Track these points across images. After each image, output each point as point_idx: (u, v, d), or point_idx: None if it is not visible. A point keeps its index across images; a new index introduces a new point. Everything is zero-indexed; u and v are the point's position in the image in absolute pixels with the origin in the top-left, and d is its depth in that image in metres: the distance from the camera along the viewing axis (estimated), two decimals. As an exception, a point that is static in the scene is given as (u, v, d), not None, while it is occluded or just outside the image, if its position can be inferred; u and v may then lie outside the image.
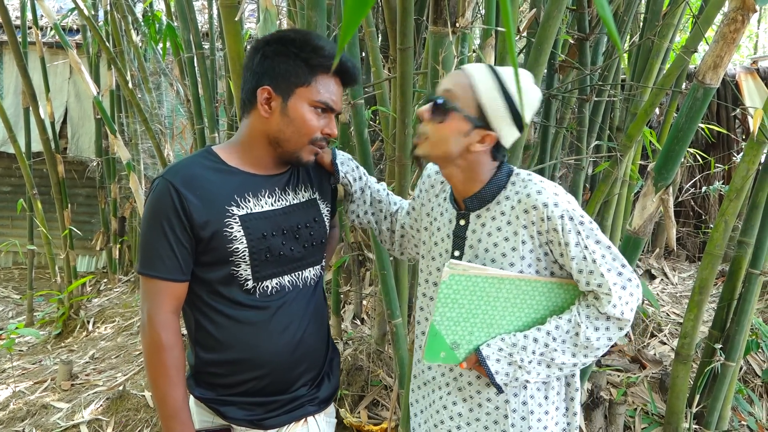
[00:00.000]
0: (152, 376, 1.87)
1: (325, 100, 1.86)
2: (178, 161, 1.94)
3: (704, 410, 3.59)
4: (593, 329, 1.84)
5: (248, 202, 1.89)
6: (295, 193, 2.01)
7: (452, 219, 1.98)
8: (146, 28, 5.85)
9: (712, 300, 4.70)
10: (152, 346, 1.84)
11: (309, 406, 2.05)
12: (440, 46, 2.26)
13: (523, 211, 1.84)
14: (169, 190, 1.81)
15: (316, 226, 2.04)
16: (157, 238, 1.82)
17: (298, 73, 1.84)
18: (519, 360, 1.85)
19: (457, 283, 1.83)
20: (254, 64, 1.88)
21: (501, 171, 1.91)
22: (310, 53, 1.82)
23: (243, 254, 1.87)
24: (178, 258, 1.83)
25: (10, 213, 9.05)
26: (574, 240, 1.80)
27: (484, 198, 1.90)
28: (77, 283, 6.22)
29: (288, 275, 1.97)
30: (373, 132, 4.51)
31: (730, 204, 3.17)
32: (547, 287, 1.88)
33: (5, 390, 4.82)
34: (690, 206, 7.45)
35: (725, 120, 7.12)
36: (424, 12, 3.93)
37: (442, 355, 1.90)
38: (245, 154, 1.94)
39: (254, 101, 1.88)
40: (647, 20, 4.20)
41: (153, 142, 5.85)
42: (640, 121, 3.41)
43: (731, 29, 2.28)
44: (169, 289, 1.84)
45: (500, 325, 1.89)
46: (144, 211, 1.89)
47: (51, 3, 8.19)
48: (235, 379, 1.95)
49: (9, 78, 8.55)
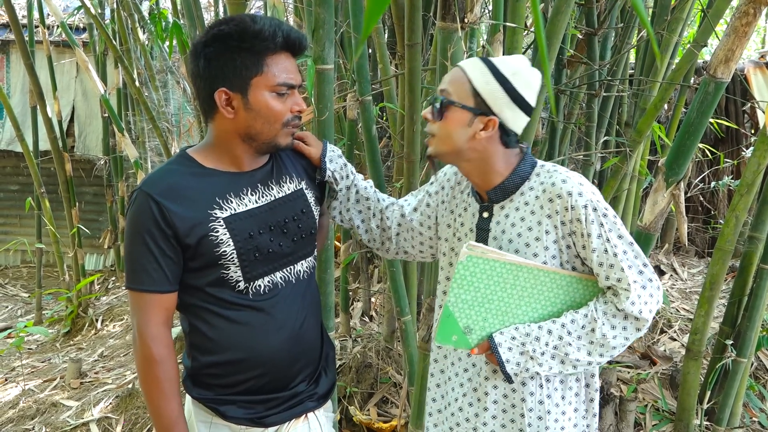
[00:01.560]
0: (146, 390, 1.87)
1: (283, 81, 1.82)
2: (154, 171, 1.92)
3: (715, 407, 3.58)
4: (610, 327, 1.82)
5: (231, 202, 1.86)
6: (279, 186, 1.97)
7: (475, 213, 1.98)
8: (152, 25, 5.84)
9: (723, 296, 4.68)
10: (144, 361, 1.83)
11: (309, 402, 2.04)
12: (448, 42, 2.24)
13: (548, 200, 1.84)
14: (148, 202, 1.79)
15: (304, 218, 2.00)
16: (140, 251, 1.80)
17: (247, 64, 1.79)
18: (531, 350, 1.84)
19: (475, 265, 1.82)
20: (201, 70, 1.82)
21: (524, 162, 1.91)
22: (251, 41, 1.77)
23: (231, 256, 1.84)
24: (164, 269, 1.81)
25: (18, 211, 9.07)
26: (597, 231, 1.80)
27: (508, 189, 1.91)
28: (85, 281, 6.23)
29: (279, 272, 1.95)
30: (381, 129, 4.51)
31: (741, 199, 3.14)
32: (566, 280, 1.87)
33: (15, 388, 4.84)
34: (699, 202, 7.41)
35: (734, 115, 7.07)
36: (432, 8, 3.91)
37: (453, 339, 1.89)
38: (221, 155, 1.90)
39: (214, 106, 1.83)
40: (656, 14, 4.18)
41: (160, 140, 5.85)
42: (650, 116, 3.39)
43: (743, 23, 2.27)
44: (157, 301, 1.83)
45: (515, 314, 1.88)
46: (126, 225, 1.86)
47: (57, 1, 8.19)
48: (234, 379, 1.93)
49: (16, 77, 8.56)
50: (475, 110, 1.82)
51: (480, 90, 1.81)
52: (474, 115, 1.82)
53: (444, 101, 1.84)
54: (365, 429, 3.65)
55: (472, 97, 1.82)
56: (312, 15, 2.55)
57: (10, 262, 9.50)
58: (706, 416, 3.60)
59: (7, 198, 9.34)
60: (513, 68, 1.82)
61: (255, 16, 1.80)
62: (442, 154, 1.90)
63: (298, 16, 3.47)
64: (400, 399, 3.61)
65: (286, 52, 1.84)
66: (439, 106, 1.85)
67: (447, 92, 1.85)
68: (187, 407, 2.04)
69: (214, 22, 1.84)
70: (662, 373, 4.26)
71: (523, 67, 1.84)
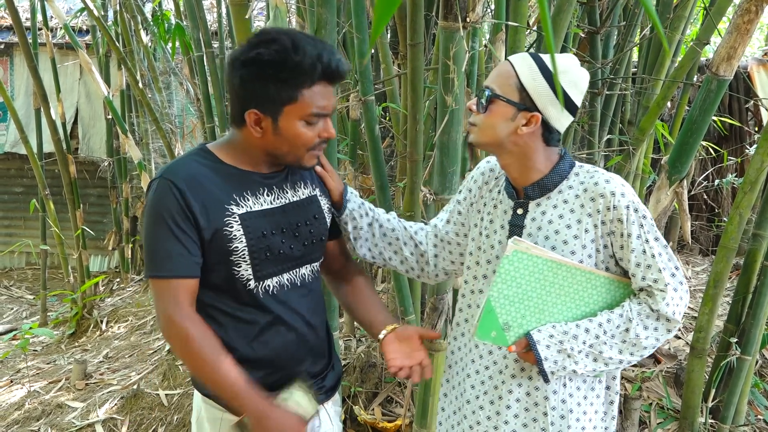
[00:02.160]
0: (197, 369, 1.82)
1: (316, 111, 1.80)
2: (174, 161, 1.91)
3: (720, 405, 3.57)
4: (643, 327, 1.84)
5: (247, 200, 1.87)
6: (294, 190, 1.98)
7: (508, 210, 1.98)
8: (155, 27, 5.86)
9: (727, 293, 4.67)
10: (182, 343, 1.79)
11: (318, 395, 2.04)
12: (451, 42, 2.24)
13: (590, 199, 1.85)
14: (170, 188, 1.77)
15: (316, 223, 2.01)
16: (164, 237, 1.77)
17: (281, 94, 1.77)
18: (569, 348, 1.84)
19: (519, 260, 1.83)
20: (236, 87, 1.81)
21: (564, 162, 1.92)
22: (288, 73, 1.74)
23: (243, 253, 1.84)
24: (191, 253, 1.79)
25: (22, 213, 9.08)
26: (636, 232, 1.82)
27: (546, 186, 1.91)
28: (90, 282, 6.24)
29: (287, 273, 1.95)
30: (384, 128, 4.51)
31: (745, 196, 3.14)
32: (601, 281, 1.88)
33: (20, 390, 4.85)
34: (703, 199, 7.40)
35: (738, 112, 7.06)
36: (434, 7, 3.91)
37: (492, 335, 1.88)
38: (242, 156, 1.90)
39: (244, 121, 1.83)
40: (658, 12, 4.18)
41: (164, 142, 5.86)
42: (653, 114, 3.39)
43: (745, 20, 2.27)
44: (185, 286, 1.80)
45: (551, 312, 1.88)
46: (146, 215, 1.83)
47: (60, 4, 8.21)
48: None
49: (20, 79, 8.58)
50: (519, 105, 1.83)
51: (526, 85, 1.82)
52: (518, 110, 1.83)
53: (489, 95, 1.85)
54: (370, 428, 3.65)
55: (518, 92, 1.83)
56: (314, 15, 2.56)
57: (14, 264, 9.52)
58: (710, 414, 3.60)
59: (12, 200, 9.36)
60: (562, 67, 1.84)
61: (298, 42, 1.75)
62: (482, 144, 1.92)
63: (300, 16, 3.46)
64: (405, 398, 3.62)
65: (325, 81, 1.81)
66: (484, 100, 1.86)
67: (493, 86, 1.86)
68: (196, 404, 2.05)
69: (255, 37, 1.80)
70: (667, 372, 4.25)
71: (572, 66, 1.85)
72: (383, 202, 3.17)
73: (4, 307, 7.76)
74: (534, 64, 1.83)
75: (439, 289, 2.53)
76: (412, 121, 2.96)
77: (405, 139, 3.24)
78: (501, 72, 1.87)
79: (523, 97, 1.82)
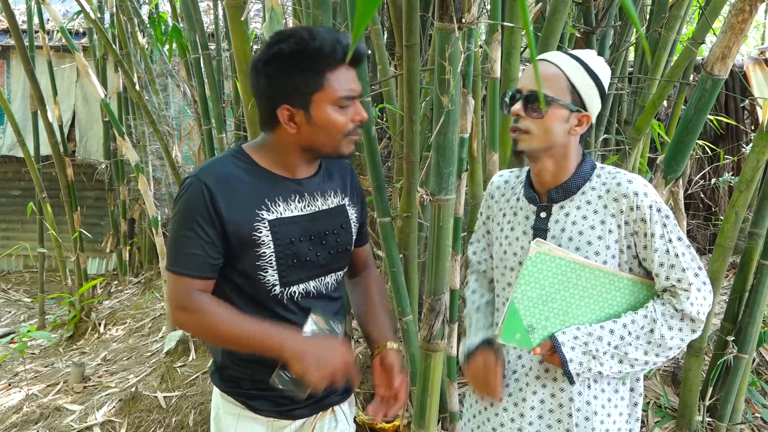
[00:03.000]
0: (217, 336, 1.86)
1: (345, 94, 1.82)
2: (211, 160, 1.94)
3: (717, 403, 3.58)
4: (667, 328, 1.85)
5: (278, 206, 1.88)
6: (324, 198, 1.99)
7: (530, 215, 1.98)
8: (152, 29, 5.85)
9: (724, 292, 4.68)
10: (197, 318, 1.83)
11: (333, 396, 2.08)
12: (446, 43, 2.25)
13: (613, 199, 1.86)
14: (201, 189, 1.81)
15: (343, 233, 2.03)
16: (187, 236, 1.81)
17: (308, 83, 1.79)
18: (594, 350, 1.84)
19: (542, 262, 1.83)
20: (262, 87, 1.85)
21: (585, 163, 1.94)
22: (310, 59, 1.78)
23: (270, 259, 1.86)
24: (208, 256, 1.82)
25: (20, 216, 9.07)
26: (660, 232, 1.83)
27: (569, 189, 1.92)
28: (88, 285, 6.24)
29: (313, 281, 1.97)
30: (380, 130, 4.51)
31: (741, 195, 3.15)
32: (624, 283, 1.88)
33: (18, 393, 4.84)
34: (699, 198, 7.40)
35: (734, 111, 7.07)
36: (430, 8, 3.92)
37: (517, 337, 1.88)
38: (277, 159, 1.92)
39: (277, 120, 1.85)
40: (654, 12, 4.19)
41: (161, 144, 5.86)
42: (649, 113, 3.40)
43: (739, 19, 2.27)
44: (197, 284, 1.84)
45: (575, 314, 1.88)
46: (175, 209, 1.87)
47: (57, 6, 8.21)
48: (263, 376, 1.93)
49: (17, 82, 8.57)
50: (572, 107, 1.84)
51: (578, 86, 1.83)
52: (570, 111, 1.84)
53: (545, 98, 1.83)
54: (368, 429, 3.65)
55: (569, 93, 1.84)
56: (310, 17, 2.56)
57: (12, 267, 9.51)
58: (708, 412, 3.61)
59: (9, 203, 9.35)
60: (598, 65, 1.86)
61: (314, 30, 1.80)
62: (535, 150, 1.88)
63: (296, 18, 3.47)
64: (403, 399, 3.61)
65: (347, 65, 1.84)
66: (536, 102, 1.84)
67: (546, 89, 1.84)
68: (215, 400, 2.07)
69: (273, 37, 1.84)
70: (664, 370, 4.26)
71: (602, 63, 1.88)
72: (380, 203, 3.17)
73: (1, 311, 7.75)
74: (577, 63, 1.84)
75: (436, 290, 2.54)
76: (409, 122, 2.97)
77: (401, 140, 3.25)
78: (549, 74, 1.85)
79: (575, 97, 1.84)
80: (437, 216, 2.48)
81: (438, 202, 2.44)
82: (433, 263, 2.57)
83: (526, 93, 1.86)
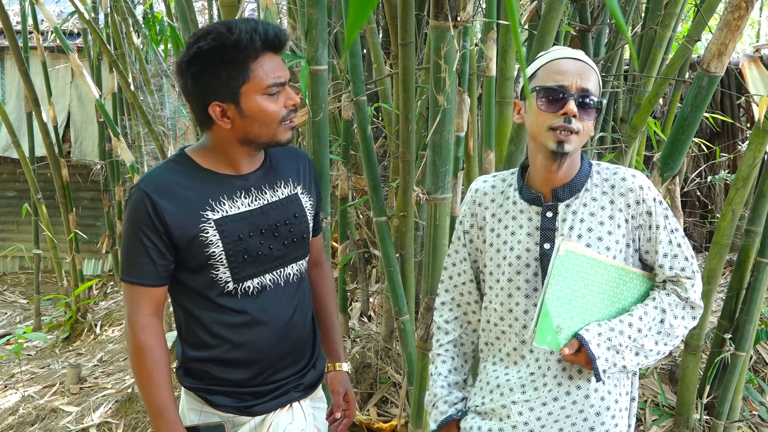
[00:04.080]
0: (137, 377, 1.94)
1: (271, 82, 1.84)
2: (153, 169, 1.99)
3: (715, 401, 3.58)
4: (674, 316, 1.87)
5: (223, 205, 1.91)
6: (273, 190, 2.01)
7: (533, 216, 1.95)
8: (147, 29, 5.84)
9: (721, 290, 4.68)
10: (134, 349, 1.90)
11: (294, 392, 2.09)
12: (442, 41, 2.24)
13: (619, 194, 1.88)
14: (143, 199, 1.85)
15: (297, 222, 2.04)
16: (134, 245, 1.87)
17: (233, 76, 1.82)
18: (617, 344, 1.83)
19: (569, 260, 1.81)
20: (190, 88, 1.87)
21: (584, 161, 1.94)
22: (231, 53, 1.79)
23: (220, 257, 1.90)
24: (155, 264, 1.88)
25: (15, 218, 9.05)
26: (663, 224, 1.87)
27: (575, 186, 1.91)
28: (84, 286, 6.23)
29: (269, 274, 1.99)
30: (376, 129, 4.50)
31: (737, 193, 3.15)
32: (631, 277, 1.90)
33: (14, 395, 4.83)
34: (696, 196, 7.41)
35: (729, 109, 7.08)
36: (425, 7, 3.91)
37: (548, 339, 1.84)
38: (218, 157, 1.95)
39: (210, 118, 1.87)
40: (649, 10, 4.19)
41: (156, 144, 5.84)
42: (645, 111, 3.40)
43: (735, 16, 2.27)
44: (147, 293, 1.90)
45: (592, 312, 1.87)
46: (123, 220, 1.94)
47: (51, 7, 8.19)
48: (222, 373, 1.99)
49: (11, 83, 8.54)
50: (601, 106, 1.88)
51: (600, 86, 1.87)
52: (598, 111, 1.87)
53: (596, 102, 1.83)
54: (365, 429, 3.65)
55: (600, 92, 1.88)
56: (305, 16, 2.55)
57: (8, 268, 9.49)
58: (705, 410, 3.61)
59: (4, 204, 9.33)
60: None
61: (230, 24, 1.82)
62: (573, 151, 1.86)
63: (291, 17, 3.46)
64: (400, 398, 3.61)
65: (269, 52, 1.86)
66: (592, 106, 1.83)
67: (592, 91, 1.83)
68: (182, 396, 2.10)
69: (191, 37, 1.87)
70: (661, 368, 4.26)
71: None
72: (376, 203, 3.17)
73: (-3, 312, 7.75)
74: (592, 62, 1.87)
75: (432, 289, 2.53)
76: (404, 121, 2.96)
77: (397, 139, 3.24)
78: (592, 76, 1.85)
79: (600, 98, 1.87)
80: (433, 215, 2.48)
81: (434, 201, 2.44)
82: (430, 262, 2.57)
83: (576, 92, 1.81)
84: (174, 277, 1.94)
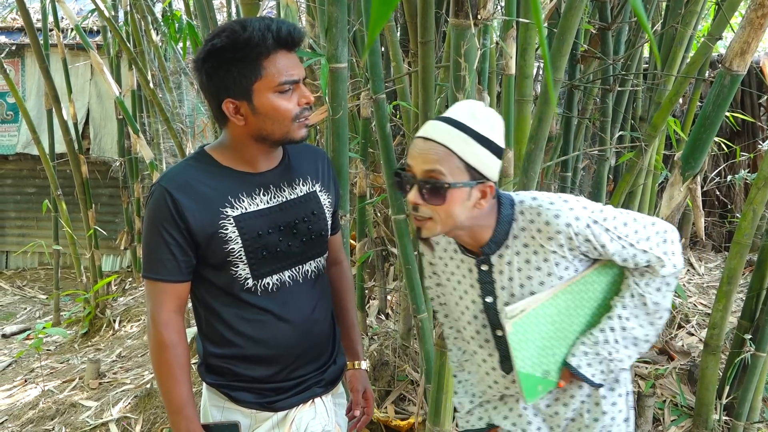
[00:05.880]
0: (157, 373, 1.96)
1: (284, 79, 1.85)
2: (173, 166, 2.01)
3: (734, 402, 3.55)
4: (655, 290, 1.86)
5: (242, 202, 1.93)
6: (292, 187, 2.02)
7: (471, 268, 1.93)
8: (166, 27, 5.87)
9: (741, 290, 4.64)
10: (156, 345, 1.92)
11: (316, 388, 2.10)
12: (462, 39, 2.24)
13: (548, 238, 1.81)
14: (164, 196, 1.87)
15: (315, 219, 2.05)
16: (156, 242, 1.89)
17: (245, 73, 1.83)
18: (606, 354, 1.86)
19: (521, 326, 1.83)
20: (205, 84, 1.90)
21: (504, 205, 1.85)
22: (244, 50, 1.80)
23: (239, 254, 1.92)
24: (177, 260, 1.90)
25: (35, 214, 9.13)
26: (608, 237, 1.80)
27: (499, 239, 1.85)
28: (103, 282, 6.27)
29: (288, 270, 2.01)
30: (394, 127, 4.50)
31: (758, 192, 3.12)
32: (593, 277, 1.89)
33: (34, 389, 4.88)
34: (715, 195, 7.35)
35: (750, 107, 7.02)
36: (444, 5, 3.91)
37: (540, 389, 1.91)
38: (236, 155, 1.96)
39: (225, 115, 1.89)
40: (670, 8, 4.15)
41: (175, 141, 5.87)
42: (665, 110, 3.37)
43: (758, 14, 2.25)
44: (170, 289, 1.92)
45: (573, 331, 1.91)
46: (144, 218, 1.96)
47: (71, 5, 8.22)
48: (244, 369, 2.01)
49: (31, 80, 8.62)
50: (471, 183, 1.72)
51: (471, 162, 1.71)
52: (470, 188, 1.73)
53: (440, 186, 1.70)
54: (383, 427, 3.65)
55: (466, 171, 1.71)
56: (325, 14, 2.56)
57: (27, 264, 9.57)
58: (725, 411, 3.58)
59: (24, 200, 9.41)
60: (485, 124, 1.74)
61: (245, 21, 1.84)
62: (439, 233, 1.80)
63: (310, 15, 3.47)
64: (418, 396, 3.61)
65: (282, 50, 1.86)
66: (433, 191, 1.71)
67: (438, 173, 1.70)
68: (203, 392, 2.11)
69: (208, 35, 1.89)
70: (680, 369, 4.24)
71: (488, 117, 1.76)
72: (395, 200, 3.17)
73: (17, 307, 7.81)
74: (463, 134, 1.71)
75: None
76: (423, 119, 2.96)
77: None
78: (438, 156, 1.70)
79: (472, 173, 1.71)
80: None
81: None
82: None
83: (420, 179, 1.72)
84: (195, 273, 1.95)
